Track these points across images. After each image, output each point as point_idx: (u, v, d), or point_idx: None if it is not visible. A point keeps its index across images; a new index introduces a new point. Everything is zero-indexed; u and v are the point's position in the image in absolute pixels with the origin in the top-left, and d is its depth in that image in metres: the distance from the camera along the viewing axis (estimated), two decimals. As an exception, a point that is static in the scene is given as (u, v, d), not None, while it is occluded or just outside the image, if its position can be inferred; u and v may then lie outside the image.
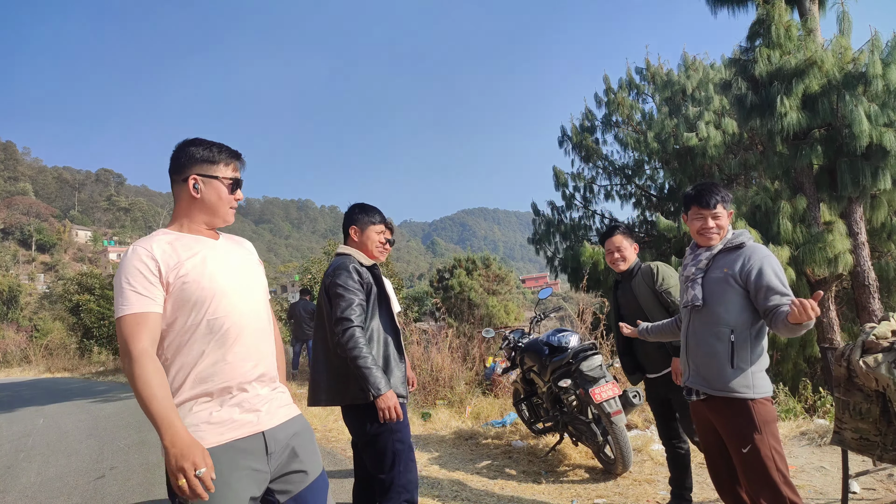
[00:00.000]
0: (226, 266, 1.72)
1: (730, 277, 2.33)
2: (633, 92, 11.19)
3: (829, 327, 7.12)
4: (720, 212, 2.42)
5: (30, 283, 55.49)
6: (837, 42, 7.03)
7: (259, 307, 1.78)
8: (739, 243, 2.38)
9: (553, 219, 11.11)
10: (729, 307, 2.32)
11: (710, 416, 2.41)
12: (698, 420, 2.54)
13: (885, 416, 2.68)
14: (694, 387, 2.44)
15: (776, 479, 2.20)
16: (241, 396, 1.66)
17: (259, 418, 1.67)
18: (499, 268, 25.29)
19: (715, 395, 2.34)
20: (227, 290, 1.67)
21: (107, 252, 76.52)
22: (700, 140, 8.74)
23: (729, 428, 2.31)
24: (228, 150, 1.79)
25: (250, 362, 1.69)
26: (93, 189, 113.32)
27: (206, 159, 1.73)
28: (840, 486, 3.06)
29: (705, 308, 2.39)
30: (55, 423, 7.82)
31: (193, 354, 1.61)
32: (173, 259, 1.63)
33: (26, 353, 22.75)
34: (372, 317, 2.67)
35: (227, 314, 1.65)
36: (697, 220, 2.46)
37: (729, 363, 2.30)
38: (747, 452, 2.23)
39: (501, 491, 3.85)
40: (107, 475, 4.87)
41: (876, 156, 6.67)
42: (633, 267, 3.36)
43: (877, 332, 2.78)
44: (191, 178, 1.72)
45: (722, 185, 2.48)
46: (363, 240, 2.83)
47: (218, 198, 1.75)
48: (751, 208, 7.35)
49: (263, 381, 1.73)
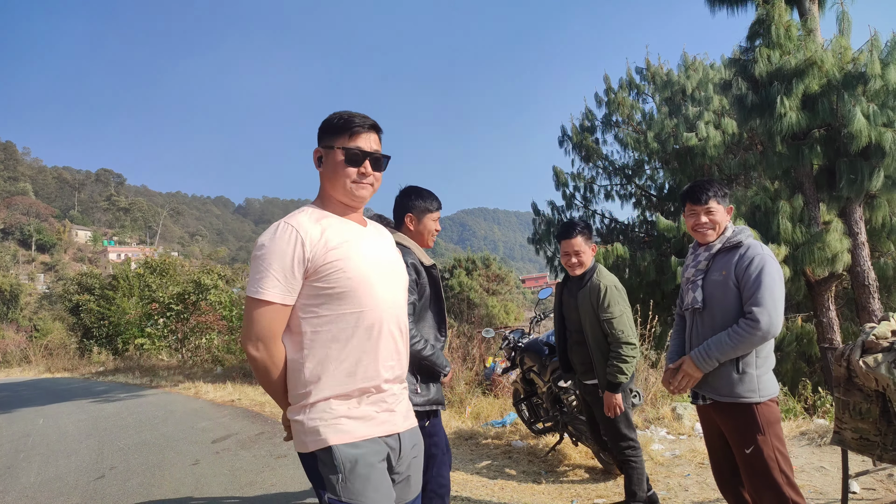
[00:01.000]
0: (374, 255, 1.61)
1: (729, 280, 2.30)
2: (633, 92, 11.19)
3: (828, 327, 7.12)
4: (713, 207, 2.39)
5: (30, 283, 55.49)
6: (837, 42, 7.03)
7: (402, 302, 1.68)
8: (737, 242, 2.35)
9: (553, 218, 11.12)
10: (730, 310, 2.29)
11: (717, 419, 2.39)
12: (704, 423, 2.53)
13: (884, 416, 2.68)
14: (701, 392, 2.39)
15: (779, 480, 2.17)
16: (379, 395, 1.58)
17: (394, 419, 1.62)
18: (499, 268, 25.29)
19: (722, 400, 2.31)
20: (374, 281, 1.56)
21: (106, 252, 76.52)
22: (700, 140, 8.74)
23: (733, 429, 2.30)
24: (352, 119, 1.61)
25: (391, 360, 1.61)
26: (92, 189, 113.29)
27: (336, 131, 1.60)
28: (840, 486, 3.06)
29: (706, 311, 2.36)
30: (55, 423, 7.82)
31: (336, 348, 1.52)
32: (321, 244, 1.51)
33: (26, 354, 22.75)
34: (416, 321, 2.47)
35: (373, 308, 1.55)
36: (691, 217, 2.46)
37: (735, 368, 2.27)
38: (750, 453, 2.22)
39: (501, 491, 3.85)
40: (106, 475, 4.87)
41: (875, 156, 6.67)
42: (587, 272, 3.17)
43: (876, 332, 2.78)
44: (317, 150, 1.64)
45: (719, 181, 2.43)
46: (419, 229, 2.59)
47: (333, 171, 1.59)
48: (750, 208, 7.35)
49: (399, 381, 1.66)
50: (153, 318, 17.78)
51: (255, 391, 9.26)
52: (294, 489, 4.17)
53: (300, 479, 4.37)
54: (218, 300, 17.15)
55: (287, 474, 4.55)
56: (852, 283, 7.31)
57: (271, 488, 4.23)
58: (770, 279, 2.22)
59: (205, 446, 5.74)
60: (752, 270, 2.24)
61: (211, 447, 5.68)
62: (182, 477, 4.64)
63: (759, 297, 2.20)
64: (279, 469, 4.72)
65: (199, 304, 16.79)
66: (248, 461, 5.03)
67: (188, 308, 16.79)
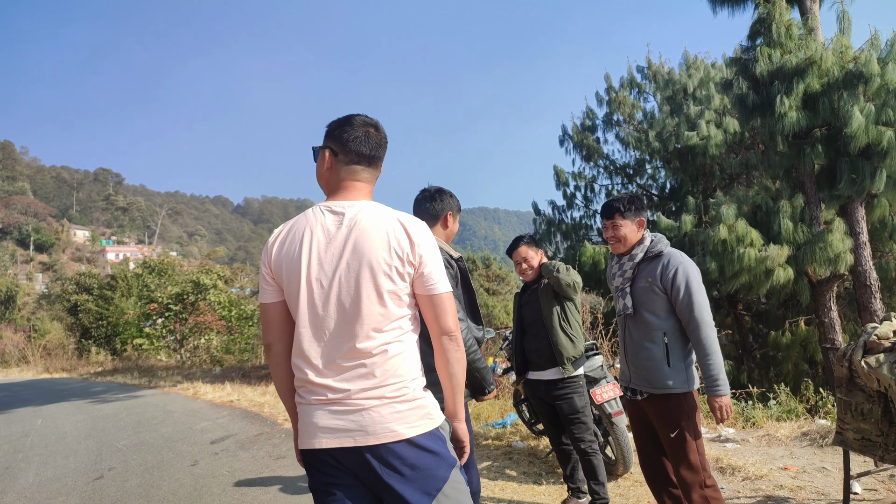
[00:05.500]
0: None
1: (654, 286, 2.55)
2: (634, 90, 11.16)
3: (830, 327, 7.10)
4: (619, 222, 2.65)
5: (28, 282, 55.39)
6: (838, 41, 7.00)
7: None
8: (658, 251, 2.61)
9: (554, 218, 11.10)
10: (658, 313, 2.55)
11: (647, 410, 2.64)
12: (634, 419, 2.76)
13: (886, 417, 2.68)
14: (637, 388, 2.63)
15: (696, 460, 2.50)
16: None
17: None
18: (499, 268, 25.29)
19: (657, 393, 2.56)
20: None
21: (105, 252, 76.43)
22: (701, 139, 8.72)
23: (662, 416, 2.56)
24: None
25: None
26: (91, 188, 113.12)
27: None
28: (842, 486, 3.06)
29: (637, 315, 2.61)
30: (53, 423, 7.80)
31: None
32: None
33: (24, 354, 22.72)
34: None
35: None
36: (605, 231, 2.74)
37: (666, 363, 2.54)
38: (675, 437, 2.52)
39: (502, 492, 3.84)
40: (105, 476, 4.85)
41: (876, 155, 6.66)
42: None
43: (878, 332, 2.77)
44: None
45: (630, 198, 2.68)
46: (453, 228, 2.60)
47: None
48: (752, 208, 7.33)
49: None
50: (152, 319, 17.76)
51: (253, 392, 9.24)
52: (293, 490, 4.15)
53: (299, 479, 4.35)
54: (217, 300, 17.11)
55: (286, 475, 4.53)
56: (854, 283, 7.29)
57: (270, 489, 4.21)
58: (696, 284, 2.50)
59: (203, 447, 5.72)
60: (679, 282, 2.50)
61: (209, 448, 5.66)
62: (181, 478, 4.62)
63: (693, 303, 2.47)
64: (278, 470, 4.70)
65: (198, 304, 16.76)
66: (247, 462, 5.02)
67: (187, 308, 16.76)
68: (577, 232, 10.70)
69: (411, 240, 1.57)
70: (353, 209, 1.60)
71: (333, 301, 1.54)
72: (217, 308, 16.81)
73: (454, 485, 1.57)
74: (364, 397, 1.51)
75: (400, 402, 1.53)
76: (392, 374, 1.54)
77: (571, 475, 3.50)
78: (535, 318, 3.44)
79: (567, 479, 3.54)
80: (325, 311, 1.55)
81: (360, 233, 1.55)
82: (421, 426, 1.54)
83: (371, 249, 1.54)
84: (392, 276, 1.54)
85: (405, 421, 1.52)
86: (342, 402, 1.52)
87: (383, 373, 1.53)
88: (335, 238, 1.57)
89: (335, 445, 1.51)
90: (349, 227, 1.57)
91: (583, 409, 3.33)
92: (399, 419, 1.52)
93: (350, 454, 1.52)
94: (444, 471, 1.55)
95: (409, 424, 1.53)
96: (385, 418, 1.51)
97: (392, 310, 1.55)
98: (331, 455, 1.53)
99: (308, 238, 1.58)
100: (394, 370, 1.54)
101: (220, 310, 16.83)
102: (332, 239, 1.57)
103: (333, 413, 1.52)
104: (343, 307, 1.54)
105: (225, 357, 16.34)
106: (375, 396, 1.51)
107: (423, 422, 1.55)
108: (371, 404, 1.51)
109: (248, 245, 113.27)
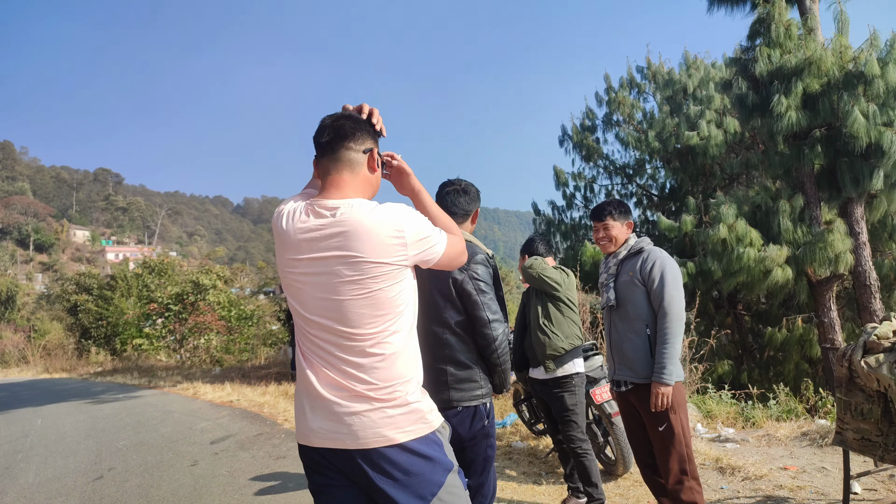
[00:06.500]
0: None
1: (635, 279, 2.68)
2: (633, 91, 11.16)
3: (830, 327, 7.10)
4: (609, 223, 2.79)
5: (27, 283, 55.40)
6: (837, 41, 7.00)
7: None
8: (639, 248, 2.75)
9: (554, 218, 11.11)
10: (640, 305, 2.67)
11: (635, 402, 2.71)
12: (624, 412, 2.84)
13: (886, 417, 2.68)
14: (622, 379, 2.72)
15: (684, 452, 2.58)
16: None
17: None
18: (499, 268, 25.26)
19: (640, 383, 2.64)
20: None
21: (104, 252, 76.41)
22: (701, 139, 8.72)
23: (650, 410, 2.60)
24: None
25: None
26: (91, 189, 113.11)
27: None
28: (841, 486, 3.05)
29: (620, 308, 2.74)
30: (53, 423, 7.80)
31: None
32: None
33: (24, 354, 22.73)
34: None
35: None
36: (595, 233, 2.86)
37: (649, 354, 2.63)
38: (663, 430, 2.59)
39: (502, 492, 3.83)
40: (105, 476, 4.85)
41: (876, 155, 6.66)
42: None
43: (878, 332, 2.77)
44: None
45: (620, 201, 2.85)
46: (474, 226, 2.49)
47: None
48: (752, 208, 7.33)
49: None
50: (151, 319, 17.75)
51: (253, 392, 9.24)
52: (293, 490, 4.15)
53: (299, 479, 4.35)
54: (217, 300, 17.10)
55: (286, 475, 4.53)
56: (854, 283, 7.29)
57: (270, 489, 4.21)
58: (671, 276, 2.61)
59: (203, 447, 5.72)
60: (655, 273, 2.62)
61: (209, 448, 5.66)
62: (181, 478, 4.62)
63: (665, 294, 2.58)
64: (278, 470, 4.70)
65: (198, 304, 16.76)
66: (247, 462, 5.02)
67: (186, 308, 16.76)
68: (577, 232, 10.70)
69: (398, 231, 1.50)
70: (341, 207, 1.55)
71: (321, 299, 1.50)
72: (217, 308, 16.80)
73: (450, 489, 1.52)
74: (354, 401, 1.47)
75: (392, 407, 1.48)
76: (383, 377, 1.48)
77: (571, 474, 3.51)
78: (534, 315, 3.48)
79: (567, 479, 3.54)
80: (313, 310, 1.52)
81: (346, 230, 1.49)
82: (414, 431, 1.49)
83: (357, 247, 1.47)
84: (379, 275, 1.48)
85: (397, 426, 1.47)
86: (333, 405, 1.48)
87: (373, 376, 1.48)
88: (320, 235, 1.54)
89: (325, 446, 1.49)
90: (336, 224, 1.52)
91: (573, 408, 3.32)
92: (390, 424, 1.47)
93: (341, 457, 1.49)
94: (439, 475, 1.51)
95: (400, 429, 1.48)
96: (376, 423, 1.46)
97: (381, 309, 1.49)
98: (323, 456, 1.51)
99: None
100: (385, 373, 1.49)
101: (219, 310, 16.83)
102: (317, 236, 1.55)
103: (324, 414, 1.49)
104: (329, 306, 1.49)
105: (225, 357, 16.34)
106: (366, 400, 1.47)
107: (417, 426, 1.50)
108: (361, 408, 1.46)
109: (247, 245, 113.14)
